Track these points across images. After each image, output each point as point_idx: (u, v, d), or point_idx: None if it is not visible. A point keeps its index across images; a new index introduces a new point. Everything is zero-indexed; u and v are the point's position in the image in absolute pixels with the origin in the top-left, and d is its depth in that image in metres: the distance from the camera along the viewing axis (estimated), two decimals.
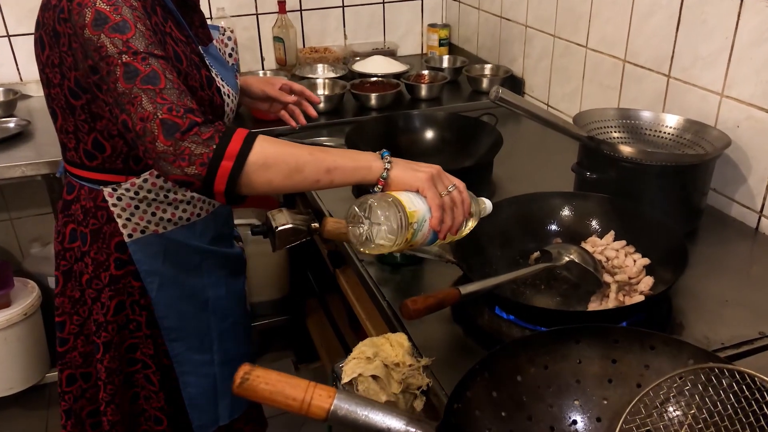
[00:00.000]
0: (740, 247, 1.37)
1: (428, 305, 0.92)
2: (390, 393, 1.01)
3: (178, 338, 1.34)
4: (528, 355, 0.74)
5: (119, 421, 1.35)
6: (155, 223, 1.25)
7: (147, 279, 1.27)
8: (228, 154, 0.96)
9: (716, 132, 1.37)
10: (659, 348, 0.72)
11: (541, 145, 1.90)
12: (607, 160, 1.33)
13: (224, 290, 1.39)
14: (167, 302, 1.30)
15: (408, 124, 1.70)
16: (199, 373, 1.39)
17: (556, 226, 1.26)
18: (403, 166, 1.01)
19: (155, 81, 0.99)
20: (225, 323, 1.41)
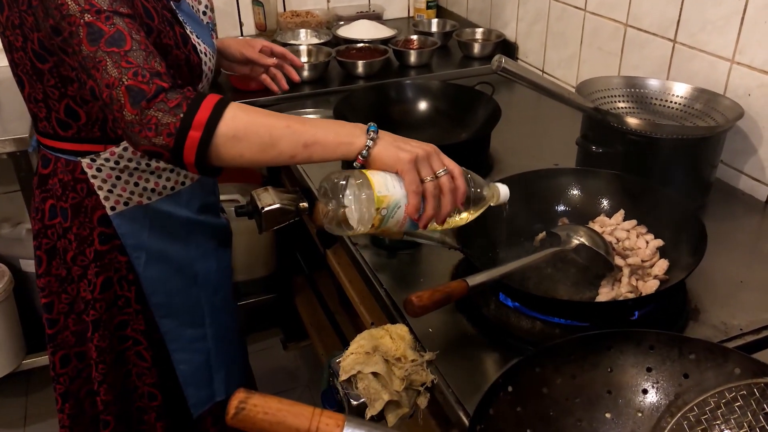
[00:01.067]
0: (750, 222, 1.32)
1: (435, 301, 0.85)
2: (392, 391, 0.94)
3: (169, 314, 1.28)
4: (554, 363, 0.67)
5: (113, 401, 1.31)
6: (138, 194, 1.17)
7: (133, 254, 1.20)
8: (196, 124, 0.88)
9: (728, 101, 1.30)
10: (700, 355, 0.65)
11: (538, 114, 1.82)
12: (613, 133, 1.25)
13: (214, 263, 1.33)
14: (155, 278, 1.24)
15: (400, 95, 1.60)
16: (192, 349, 1.33)
17: (563, 205, 1.19)
18: (388, 143, 0.90)
19: (120, 42, 0.90)
20: (216, 297, 1.35)
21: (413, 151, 0.89)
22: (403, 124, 1.58)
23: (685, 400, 0.62)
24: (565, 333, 0.96)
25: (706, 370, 0.64)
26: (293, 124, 0.90)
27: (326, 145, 0.90)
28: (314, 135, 0.89)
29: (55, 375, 1.32)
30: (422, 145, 0.91)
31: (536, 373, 0.66)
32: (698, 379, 0.64)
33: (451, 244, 1.02)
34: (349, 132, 0.90)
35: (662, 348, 0.67)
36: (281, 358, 2.30)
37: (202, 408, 1.41)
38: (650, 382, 0.67)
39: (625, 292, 1.02)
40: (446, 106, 1.58)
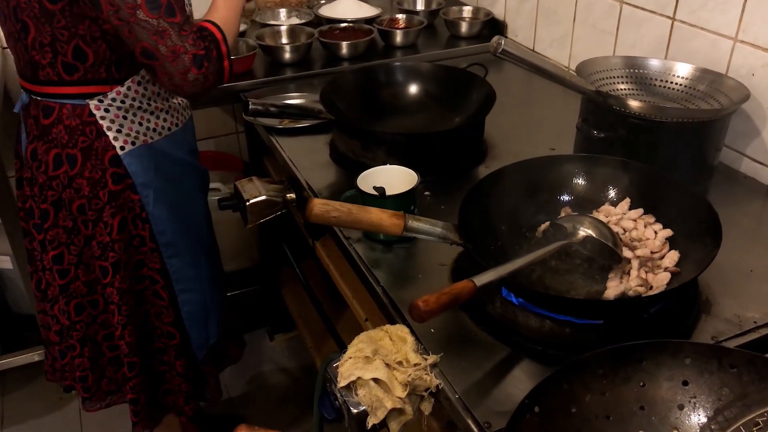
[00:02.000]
0: (754, 207, 1.28)
1: (442, 304, 0.79)
2: (395, 398, 0.89)
3: (175, 254, 1.36)
4: (582, 379, 0.62)
5: (137, 341, 1.37)
6: (143, 133, 1.26)
7: (143, 192, 1.28)
8: (225, 54, 1.18)
9: (732, 82, 1.25)
10: (742, 368, 0.60)
11: (531, 96, 1.76)
12: (615, 117, 1.20)
13: (200, 206, 1.44)
14: (162, 216, 1.32)
15: (390, 77, 1.53)
16: (194, 289, 1.42)
17: (565, 193, 1.13)
18: None
19: (173, 13, 1.10)
20: (204, 240, 1.45)
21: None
22: (394, 108, 1.51)
23: (726, 416, 0.58)
24: (576, 332, 0.91)
25: (748, 383, 0.59)
26: (230, 18, 1.23)
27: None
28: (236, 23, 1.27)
29: (71, 323, 1.37)
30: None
31: (564, 391, 0.61)
32: (740, 394, 0.59)
33: (453, 239, 0.96)
34: None
35: (700, 360, 0.62)
36: (268, 349, 2.24)
37: (202, 351, 1.51)
38: (687, 397, 0.62)
39: (635, 285, 0.97)
40: (437, 89, 1.52)
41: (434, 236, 0.97)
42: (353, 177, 1.18)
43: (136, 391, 1.42)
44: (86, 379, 1.42)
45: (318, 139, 1.49)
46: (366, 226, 0.95)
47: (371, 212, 0.94)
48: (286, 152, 1.45)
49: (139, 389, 1.42)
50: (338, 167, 1.39)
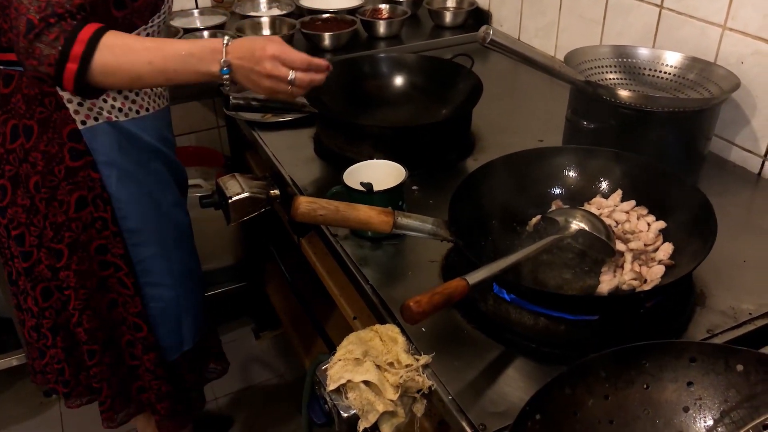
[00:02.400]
0: (744, 196, 1.26)
1: (435, 305, 0.76)
2: (386, 400, 0.86)
3: (141, 242, 1.28)
4: (585, 383, 0.59)
5: (98, 328, 1.30)
6: (108, 111, 1.18)
7: (105, 171, 1.20)
8: (72, 57, 0.98)
9: (722, 71, 1.23)
10: (750, 367, 0.58)
11: (517, 86, 1.74)
12: (604, 107, 1.18)
13: (171, 196, 1.33)
14: (127, 198, 1.23)
15: (375, 69, 1.49)
16: (163, 284, 1.34)
17: (556, 186, 1.11)
18: (243, 74, 1.05)
19: None
20: (177, 232, 1.36)
21: (264, 84, 1.06)
22: (379, 100, 1.48)
23: (733, 418, 0.56)
24: (571, 328, 0.89)
25: (756, 383, 0.57)
26: (155, 60, 1.02)
27: (188, 79, 1.05)
28: (175, 71, 1.03)
29: (39, 310, 1.30)
30: (264, 65, 1.04)
31: (566, 396, 0.59)
32: (747, 395, 0.57)
33: (443, 235, 0.94)
34: (206, 65, 1.03)
35: (705, 360, 0.60)
36: (253, 348, 2.21)
37: (174, 354, 1.42)
38: (692, 399, 0.60)
39: (629, 279, 0.95)
40: (423, 80, 1.48)
41: (424, 233, 0.94)
42: (339, 172, 1.14)
43: (98, 380, 1.35)
44: (63, 372, 1.35)
45: (302, 134, 1.46)
46: (354, 224, 0.92)
47: (359, 210, 0.91)
48: (269, 147, 1.42)
49: (101, 378, 1.35)
50: (323, 162, 1.36)
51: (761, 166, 1.29)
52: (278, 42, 1.07)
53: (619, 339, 0.89)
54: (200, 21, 1.98)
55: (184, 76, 1.04)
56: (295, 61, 1.06)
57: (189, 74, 1.04)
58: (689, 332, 0.91)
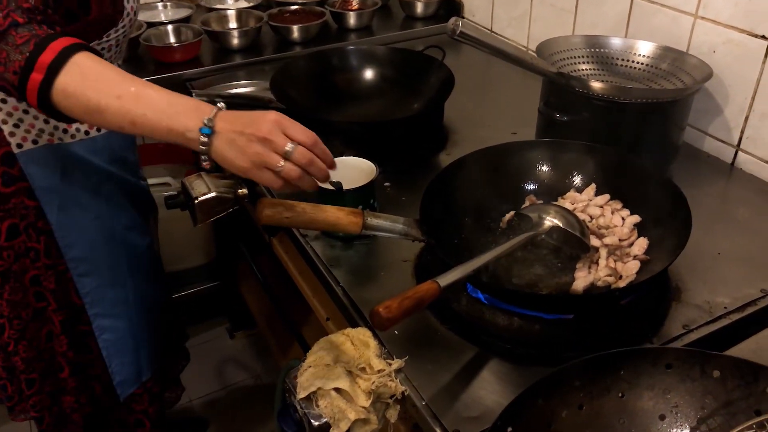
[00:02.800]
0: (718, 187, 1.26)
1: (405, 310, 0.74)
2: (358, 408, 0.83)
3: (89, 272, 1.17)
4: (558, 393, 0.57)
5: (35, 358, 1.21)
6: (49, 133, 1.07)
7: (44, 197, 1.09)
8: (38, 66, 0.82)
9: (695, 60, 1.22)
10: (726, 373, 0.57)
11: (490, 78, 1.71)
12: (577, 99, 1.16)
13: (126, 219, 1.23)
14: (72, 226, 1.13)
15: (344, 62, 1.46)
16: (115, 314, 1.23)
17: (530, 181, 1.09)
18: (225, 141, 0.81)
19: None
20: (133, 258, 1.25)
21: (250, 152, 0.81)
22: (349, 95, 1.44)
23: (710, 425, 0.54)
24: (546, 328, 0.88)
25: (733, 389, 0.56)
26: (126, 96, 0.82)
27: (155, 130, 0.83)
28: (144, 115, 0.82)
29: None
30: (261, 127, 0.81)
31: (539, 407, 0.57)
32: (724, 401, 0.56)
33: (414, 235, 0.91)
34: (184, 119, 0.81)
35: (681, 366, 0.58)
36: (229, 347, 2.17)
37: (130, 388, 1.32)
38: (668, 407, 0.58)
39: (604, 275, 0.94)
40: (394, 73, 1.45)
41: (395, 233, 0.91)
42: None
43: (38, 409, 1.27)
44: (5, 388, 1.28)
45: None
46: (322, 225, 0.89)
47: (327, 211, 0.88)
48: None
49: (42, 407, 1.27)
50: None
51: (734, 156, 1.29)
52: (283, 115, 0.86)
53: (595, 337, 0.88)
54: (164, 14, 1.92)
55: (152, 126, 0.82)
56: (299, 134, 0.84)
57: (159, 125, 0.82)
58: (665, 328, 0.90)
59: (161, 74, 1.66)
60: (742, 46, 1.20)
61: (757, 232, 1.09)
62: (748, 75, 1.21)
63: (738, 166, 1.28)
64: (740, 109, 1.25)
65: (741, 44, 1.21)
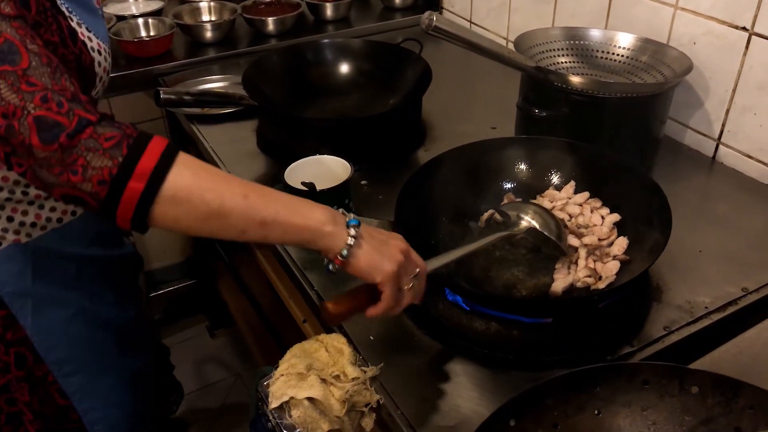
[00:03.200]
0: (699, 181, 1.24)
1: (355, 306, 0.73)
2: (332, 418, 0.81)
3: (76, 370, 1.03)
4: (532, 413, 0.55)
5: None
6: (14, 231, 0.92)
7: (14, 304, 0.94)
8: (139, 173, 0.68)
9: (675, 52, 1.20)
10: (705, 389, 0.54)
11: (470, 71, 1.68)
12: (556, 94, 1.14)
13: (114, 297, 1.09)
14: (51, 328, 0.98)
15: (318, 56, 1.42)
16: (107, 404, 1.09)
17: (508, 179, 1.07)
18: (372, 246, 0.75)
19: (13, 57, 0.70)
20: (123, 336, 1.11)
21: (396, 259, 0.75)
22: (324, 90, 1.41)
23: None
24: (525, 332, 0.85)
25: (712, 406, 0.54)
26: (252, 194, 0.72)
27: (288, 228, 0.73)
28: (276, 212, 0.72)
29: None
30: (398, 244, 0.77)
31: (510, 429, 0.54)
32: (703, 418, 0.54)
33: None
34: (321, 218, 0.74)
35: (659, 382, 0.56)
36: (209, 346, 2.13)
37: None
38: (646, 424, 0.56)
39: (583, 276, 0.92)
40: (370, 67, 1.42)
41: None
42: (284, 168, 1.08)
43: None
44: None
45: (244, 126, 1.38)
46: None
47: None
48: (209, 142, 1.34)
49: None
50: (267, 157, 1.29)
51: (715, 150, 1.27)
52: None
53: (574, 341, 0.86)
54: (135, 7, 1.86)
55: (285, 224, 0.73)
56: (420, 261, 0.80)
57: (292, 221, 0.73)
58: (646, 330, 0.88)
59: (132, 69, 1.62)
60: (723, 37, 1.18)
61: (738, 228, 1.08)
62: (728, 67, 1.19)
63: (719, 159, 1.27)
64: (721, 102, 1.23)
65: (722, 36, 1.19)
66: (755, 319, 0.89)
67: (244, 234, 0.73)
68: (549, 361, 0.83)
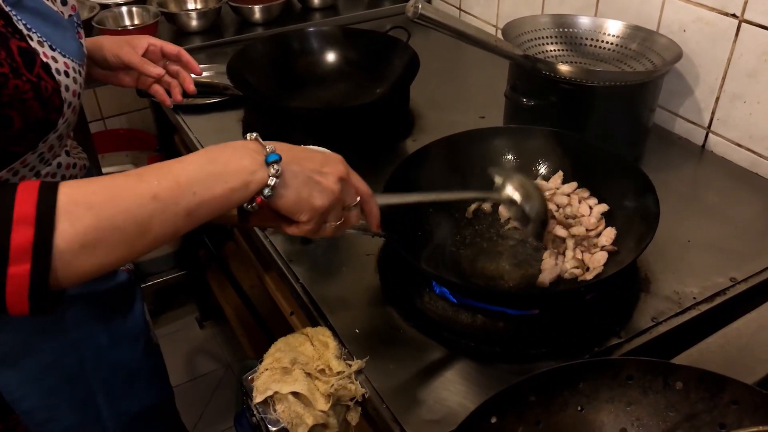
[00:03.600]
0: (688, 170, 1.23)
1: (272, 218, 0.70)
2: (316, 412, 0.80)
3: (50, 419, 0.94)
4: (514, 410, 0.54)
5: None
6: None
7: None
8: (17, 251, 0.53)
9: (664, 40, 1.18)
10: (690, 385, 0.54)
11: (458, 60, 1.66)
12: (545, 82, 1.12)
13: (106, 338, 0.97)
14: (21, 381, 0.89)
15: (304, 45, 1.40)
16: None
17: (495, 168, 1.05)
18: (303, 176, 0.66)
19: None
20: (115, 377, 1.01)
21: (329, 191, 0.67)
22: (310, 79, 1.39)
23: None
24: (511, 324, 0.85)
25: (696, 402, 0.53)
26: (160, 189, 0.59)
27: (214, 202, 0.61)
28: (194, 194, 0.60)
29: None
30: (334, 171, 0.68)
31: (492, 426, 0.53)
32: (687, 414, 0.53)
33: (375, 231, 0.87)
34: (240, 171, 0.62)
35: (643, 378, 0.55)
36: (199, 337, 2.12)
37: None
38: (630, 420, 0.55)
39: (571, 267, 0.91)
40: (357, 56, 1.40)
41: (355, 229, 0.86)
42: None
43: None
44: None
45: (230, 116, 1.36)
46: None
47: None
48: (194, 132, 1.32)
49: None
50: None
51: (705, 138, 1.26)
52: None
53: (561, 332, 0.85)
54: None
55: (209, 200, 0.61)
56: (361, 183, 0.73)
57: (215, 192, 0.60)
58: (634, 321, 0.87)
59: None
60: (713, 24, 1.17)
61: (727, 218, 1.07)
62: (718, 55, 1.18)
63: (709, 148, 1.26)
64: (711, 90, 1.22)
65: (711, 23, 1.17)
66: (743, 310, 0.89)
67: (176, 233, 0.62)
68: (536, 353, 0.82)
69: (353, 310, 0.91)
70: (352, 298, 0.93)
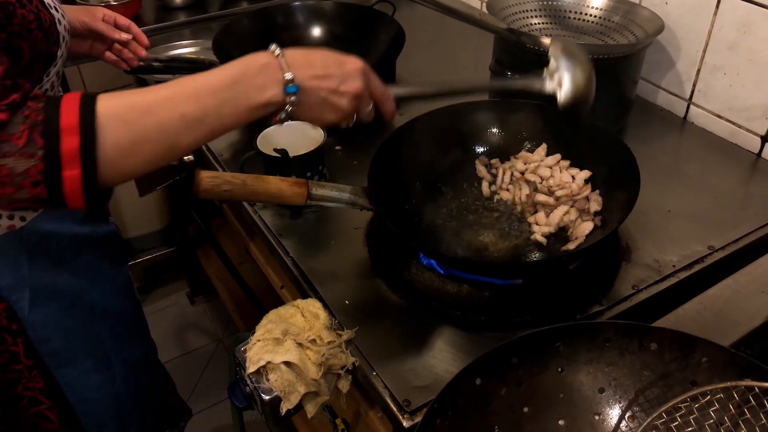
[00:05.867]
0: (670, 141, 1.26)
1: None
2: (308, 380, 0.83)
3: (69, 361, 0.99)
4: (497, 372, 0.56)
5: None
6: (8, 216, 0.86)
7: (12, 296, 0.89)
8: (67, 157, 0.62)
9: (647, 12, 1.20)
10: (664, 346, 0.56)
11: (444, 34, 1.67)
12: (529, 56, 1.13)
13: (108, 285, 1.04)
14: (46, 319, 0.94)
15: (289, 20, 1.40)
16: (99, 399, 1.06)
17: (480, 142, 1.07)
18: (317, 97, 0.73)
19: None
20: (117, 327, 1.07)
21: (346, 102, 0.75)
22: None
23: (648, 397, 0.55)
24: (496, 294, 0.87)
25: (670, 362, 0.56)
26: (187, 107, 0.66)
27: (237, 119, 0.70)
28: (217, 115, 0.68)
29: None
30: (353, 83, 0.75)
31: (476, 387, 0.56)
32: (661, 373, 0.56)
33: (362, 204, 0.89)
34: (262, 94, 0.70)
35: (620, 340, 0.58)
36: (189, 313, 2.14)
37: None
38: (607, 380, 0.58)
39: (562, 214, 0.93)
40: (343, 30, 1.40)
41: (342, 203, 0.89)
42: (257, 134, 1.07)
43: None
44: None
45: None
46: (264, 197, 0.86)
47: (269, 182, 0.85)
48: None
49: None
50: None
51: (686, 110, 1.28)
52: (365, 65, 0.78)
53: (544, 300, 0.88)
54: None
55: (233, 118, 0.69)
56: (378, 88, 0.79)
57: (238, 111, 0.69)
58: (615, 289, 0.90)
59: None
60: None
61: (706, 187, 1.10)
62: (699, 27, 1.19)
63: (690, 119, 1.28)
64: (692, 62, 1.24)
65: None
66: (720, 276, 0.92)
67: (200, 143, 0.71)
68: (520, 321, 0.85)
69: (342, 282, 0.93)
70: (341, 270, 0.95)
